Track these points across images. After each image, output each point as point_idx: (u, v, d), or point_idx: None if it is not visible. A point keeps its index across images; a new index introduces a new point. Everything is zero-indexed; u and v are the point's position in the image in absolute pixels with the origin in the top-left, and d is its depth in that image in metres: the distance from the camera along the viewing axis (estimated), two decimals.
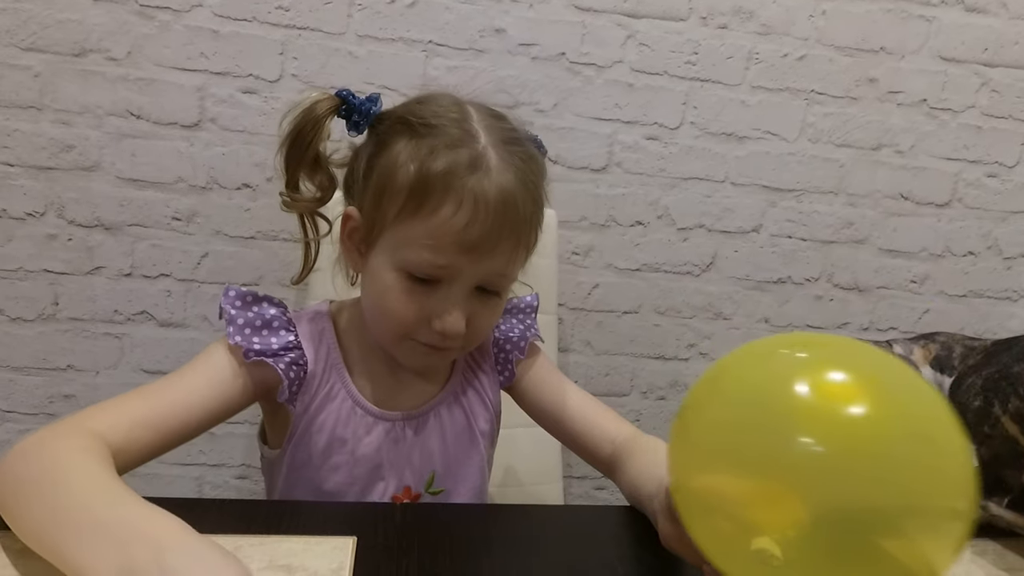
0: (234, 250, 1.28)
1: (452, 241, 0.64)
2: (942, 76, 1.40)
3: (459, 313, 0.67)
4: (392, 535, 0.60)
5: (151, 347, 1.30)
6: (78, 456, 0.53)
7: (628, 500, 0.73)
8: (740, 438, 0.45)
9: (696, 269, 1.43)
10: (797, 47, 1.35)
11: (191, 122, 1.23)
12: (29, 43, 1.17)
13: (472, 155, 0.65)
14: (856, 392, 0.43)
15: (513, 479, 1.15)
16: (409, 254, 0.66)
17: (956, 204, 1.47)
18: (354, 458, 0.75)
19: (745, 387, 0.47)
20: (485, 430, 0.83)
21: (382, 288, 0.68)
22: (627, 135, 1.34)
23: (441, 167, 0.64)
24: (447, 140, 0.66)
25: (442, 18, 1.25)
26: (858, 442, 0.41)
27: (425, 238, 0.65)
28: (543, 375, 0.85)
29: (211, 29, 1.20)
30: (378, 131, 0.71)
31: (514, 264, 0.70)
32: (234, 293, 0.70)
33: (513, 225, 0.66)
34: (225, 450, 1.35)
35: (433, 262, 0.65)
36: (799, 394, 0.43)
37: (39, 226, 1.23)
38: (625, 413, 1.47)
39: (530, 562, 0.59)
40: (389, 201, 0.66)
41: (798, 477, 0.41)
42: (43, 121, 1.20)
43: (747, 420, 0.45)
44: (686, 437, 0.50)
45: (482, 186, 0.64)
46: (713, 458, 0.47)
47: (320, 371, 0.74)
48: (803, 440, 0.42)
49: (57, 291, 1.26)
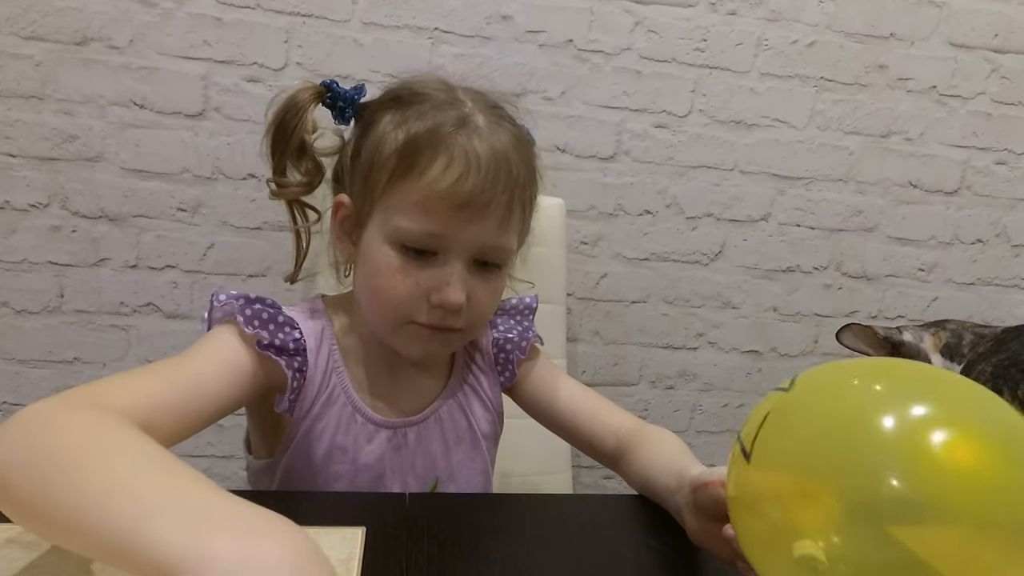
0: (240, 241, 1.27)
1: (443, 200, 0.62)
2: (952, 62, 1.38)
3: (458, 284, 0.65)
4: (401, 525, 0.60)
5: (158, 339, 1.29)
6: (112, 426, 0.45)
7: (637, 489, 0.73)
8: (815, 463, 0.41)
9: (705, 258, 1.42)
10: (806, 33, 1.33)
11: (195, 111, 1.22)
12: (30, 32, 1.15)
13: (459, 115, 0.64)
14: (956, 443, 0.39)
15: (522, 469, 1.14)
16: (401, 221, 0.64)
17: (965, 192, 1.46)
18: (355, 467, 0.72)
19: (820, 417, 0.43)
20: (487, 432, 0.82)
21: (376, 268, 0.66)
22: (635, 123, 1.33)
23: (428, 125, 0.63)
24: (433, 103, 0.65)
25: (448, 5, 1.23)
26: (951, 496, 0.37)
27: (416, 200, 0.63)
28: (543, 375, 0.84)
29: (214, 17, 1.19)
30: (364, 117, 0.70)
31: (509, 231, 0.67)
32: (225, 296, 0.66)
33: (507, 183, 0.64)
34: (233, 441, 1.34)
35: (426, 228, 0.63)
36: (887, 429, 0.39)
37: (43, 218, 1.22)
38: (634, 403, 1.47)
39: (539, 551, 0.59)
40: (378, 171, 0.65)
41: (875, 512, 0.38)
42: (45, 111, 1.19)
43: (823, 448, 0.41)
44: (747, 464, 0.46)
45: (472, 143, 0.63)
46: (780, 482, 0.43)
47: (320, 374, 0.70)
48: (889, 478, 0.38)
49: (62, 283, 1.25)
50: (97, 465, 0.40)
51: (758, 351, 1.48)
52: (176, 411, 0.57)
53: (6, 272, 1.23)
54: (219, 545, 0.33)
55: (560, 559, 0.59)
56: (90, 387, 0.52)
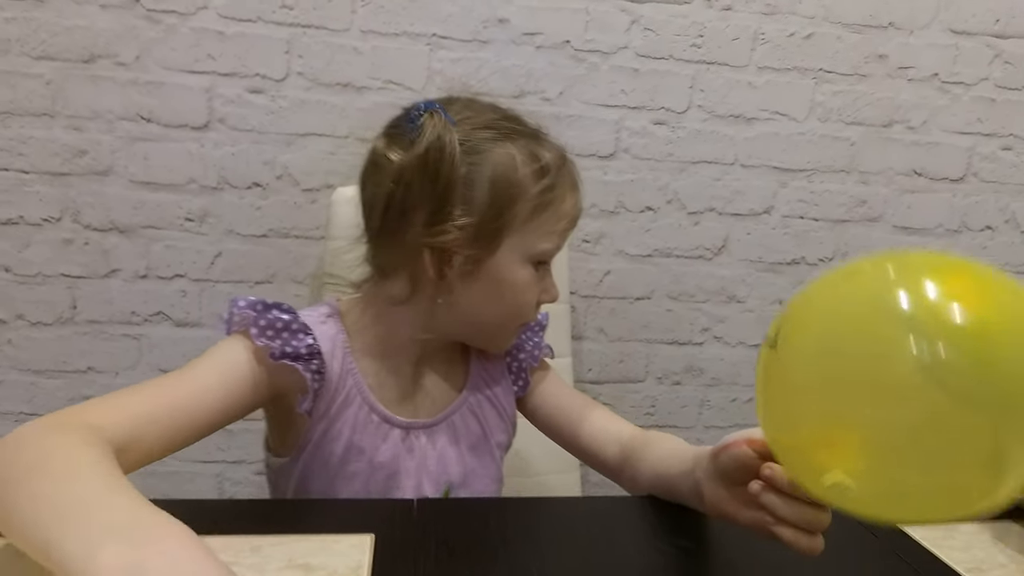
0: (247, 248, 1.30)
1: (569, 222, 0.75)
2: (953, 50, 1.38)
3: (555, 282, 0.77)
4: (409, 531, 0.61)
5: (168, 347, 1.32)
6: (77, 448, 0.49)
7: (648, 487, 0.73)
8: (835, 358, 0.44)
9: (708, 253, 1.42)
10: (804, 25, 1.33)
11: (200, 123, 1.24)
12: (40, 51, 1.18)
13: (554, 151, 0.74)
14: (966, 296, 0.42)
15: (530, 469, 1.15)
16: (544, 244, 0.72)
17: (971, 179, 1.45)
18: (371, 466, 0.75)
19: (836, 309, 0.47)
20: (501, 441, 0.84)
21: (513, 287, 0.73)
22: (634, 121, 1.34)
23: (555, 161, 0.73)
24: (530, 135, 0.73)
25: (445, 10, 1.25)
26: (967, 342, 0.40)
27: (554, 226, 0.73)
28: (549, 388, 0.87)
29: (217, 31, 1.21)
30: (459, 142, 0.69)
31: None
32: (244, 302, 0.69)
33: None
34: (244, 446, 1.36)
35: (556, 246, 0.74)
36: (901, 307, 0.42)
37: (55, 231, 1.25)
38: (640, 399, 1.47)
39: (547, 555, 0.60)
40: (521, 204, 0.70)
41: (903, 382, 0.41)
42: (56, 127, 1.21)
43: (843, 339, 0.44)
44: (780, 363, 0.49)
45: (572, 171, 0.75)
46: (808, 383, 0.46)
47: (336, 376, 0.72)
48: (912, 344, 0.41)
49: (75, 294, 1.28)
50: (42, 483, 0.46)
51: None
52: (163, 425, 0.60)
53: (21, 285, 1.26)
54: (108, 553, 0.38)
55: (570, 562, 0.59)
56: (80, 407, 0.57)
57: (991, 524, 0.70)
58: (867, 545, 0.65)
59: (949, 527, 0.69)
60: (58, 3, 1.17)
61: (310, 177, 1.28)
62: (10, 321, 1.27)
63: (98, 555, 0.38)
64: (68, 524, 0.41)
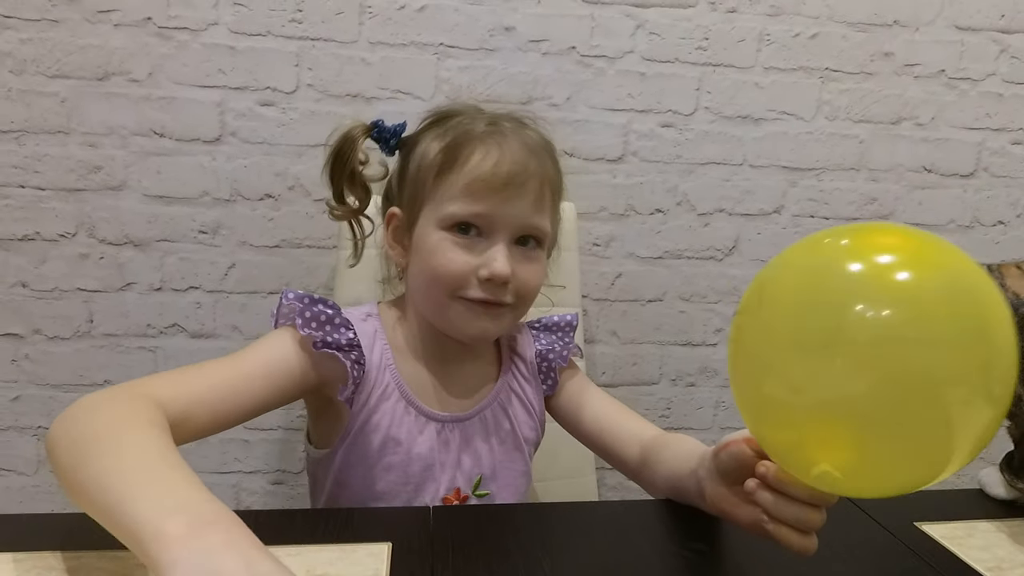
0: (260, 259, 1.31)
1: (485, 182, 0.72)
2: (959, 46, 1.38)
3: (503, 258, 0.72)
4: (426, 539, 0.61)
5: (184, 358, 1.33)
6: (139, 419, 0.55)
7: (664, 490, 0.73)
8: (798, 322, 0.47)
9: (719, 253, 1.42)
10: (809, 25, 1.33)
11: (212, 137, 1.26)
12: (55, 70, 1.20)
13: (490, 119, 0.76)
14: (904, 262, 0.45)
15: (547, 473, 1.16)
16: (451, 207, 0.73)
17: (982, 173, 1.45)
18: (408, 458, 0.78)
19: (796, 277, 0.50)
20: (530, 437, 0.87)
21: (429, 251, 0.74)
22: (642, 124, 1.34)
23: (465, 128, 0.75)
24: (465, 117, 0.77)
25: (451, 20, 1.26)
26: (908, 308, 0.43)
27: (462, 186, 0.73)
28: (575, 386, 0.88)
29: (227, 45, 1.23)
30: (406, 145, 0.81)
31: (543, 213, 0.76)
32: (293, 295, 0.74)
33: (536, 169, 0.74)
34: (260, 456, 1.37)
35: (472, 210, 0.72)
36: (849, 272, 0.46)
37: (71, 246, 1.27)
38: (655, 401, 1.47)
39: (565, 560, 0.60)
40: (425, 173, 0.76)
41: (855, 347, 0.43)
42: (71, 144, 1.23)
43: (802, 306, 0.47)
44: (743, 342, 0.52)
45: (504, 137, 0.74)
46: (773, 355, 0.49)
47: (375, 370, 0.77)
48: (857, 310, 0.44)
49: (91, 308, 1.30)
50: (110, 451, 0.50)
51: None
52: (211, 407, 0.66)
53: (38, 300, 1.28)
54: (174, 523, 0.42)
55: (587, 567, 0.59)
56: (144, 380, 0.63)
57: (1010, 522, 0.69)
58: (886, 545, 0.65)
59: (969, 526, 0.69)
60: (72, 23, 1.19)
61: (322, 188, 1.28)
62: (28, 336, 1.29)
63: (166, 524, 0.42)
64: (135, 492, 0.46)
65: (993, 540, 0.67)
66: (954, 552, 0.64)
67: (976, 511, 0.71)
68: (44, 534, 0.58)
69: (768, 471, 0.52)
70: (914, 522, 0.68)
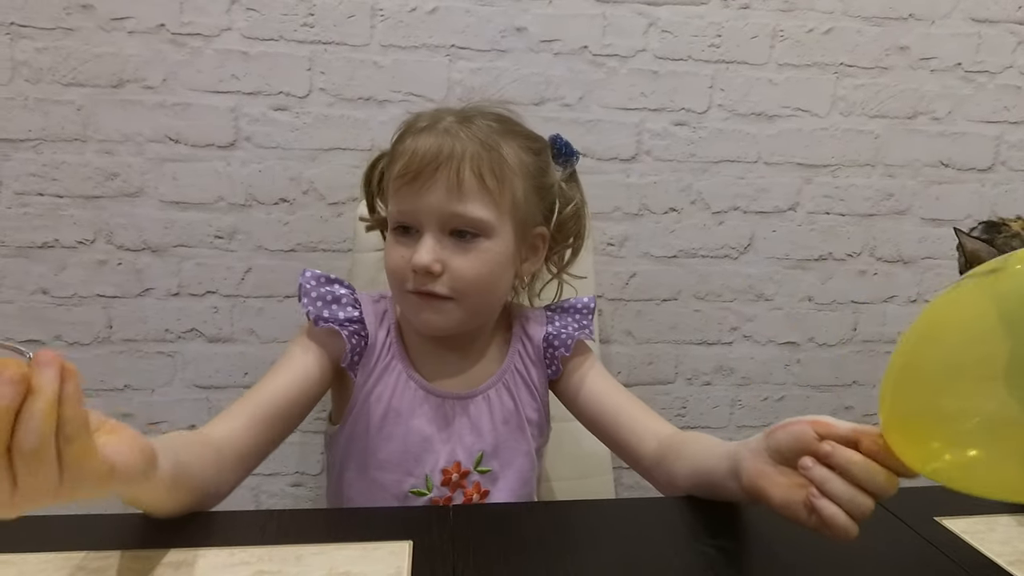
0: (276, 263, 1.32)
1: (400, 180, 0.76)
2: (976, 38, 1.36)
3: (423, 249, 0.75)
4: (446, 537, 0.61)
5: (202, 363, 1.34)
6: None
7: (688, 484, 0.72)
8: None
9: (734, 252, 1.42)
10: (822, 21, 1.33)
11: (227, 142, 1.27)
12: (70, 78, 1.21)
13: (431, 119, 0.78)
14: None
15: (564, 473, 1.15)
16: (390, 209, 0.80)
17: (1000, 167, 1.43)
18: (407, 430, 0.82)
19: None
20: (533, 419, 0.88)
21: (385, 252, 0.81)
22: (655, 123, 1.34)
23: (405, 130, 0.80)
24: (422, 118, 0.80)
25: (463, 21, 1.26)
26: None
27: (393, 189, 0.78)
28: (588, 374, 0.88)
29: (240, 51, 1.23)
30: None
31: (465, 200, 0.75)
32: (310, 274, 0.81)
33: (453, 152, 0.75)
34: (278, 459, 1.38)
35: (397, 207, 0.78)
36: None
37: (90, 253, 1.28)
38: (671, 401, 1.47)
39: (584, 558, 0.60)
40: (384, 172, 0.83)
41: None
42: (88, 152, 1.24)
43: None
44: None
45: (420, 139, 0.76)
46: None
47: (379, 347, 0.82)
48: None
49: (110, 314, 1.31)
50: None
51: (795, 342, 1.47)
52: (243, 433, 0.73)
53: (58, 307, 1.29)
54: None
55: (607, 565, 0.59)
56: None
57: None
58: (907, 540, 0.65)
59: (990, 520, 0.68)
60: (86, 31, 1.20)
61: (336, 191, 1.30)
62: (48, 342, 1.30)
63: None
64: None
65: (1014, 534, 0.66)
66: (975, 546, 0.64)
67: (997, 505, 0.70)
68: (72, 535, 0.59)
69: (836, 451, 0.53)
70: (935, 517, 0.68)
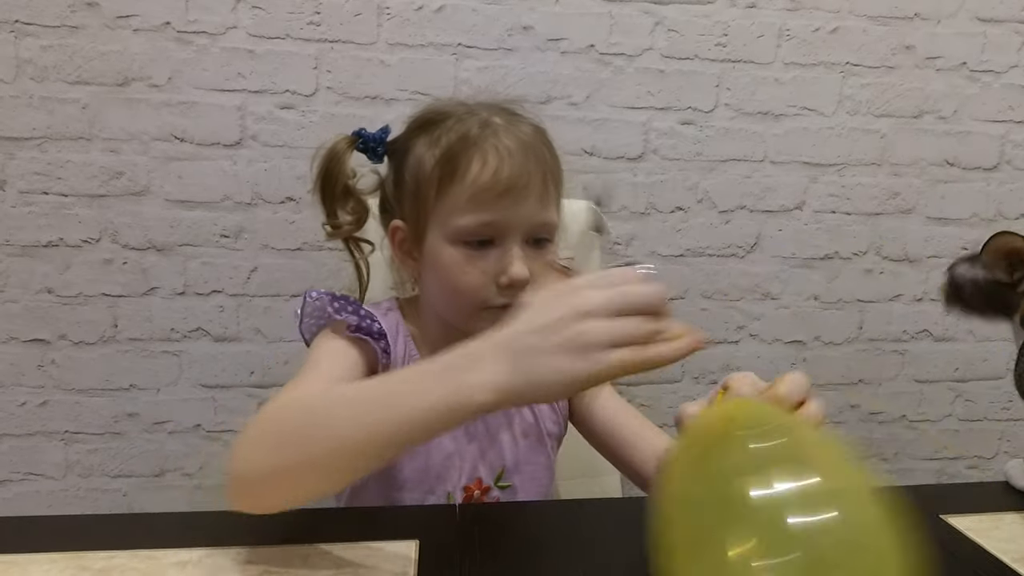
0: (282, 262, 1.31)
1: (489, 191, 0.71)
2: (981, 38, 1.36)
3: (519, 262, 0.71)
4: (453, 536, 0.61)
5: (208, 362, 1.34)
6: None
7: None
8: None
9: (740, 251, 1.41)
10: (828, 20, 1.33)
11: (233, 141, 1.26)
12: (76, 77, 1.21)
13: (481, 120, 0.74)
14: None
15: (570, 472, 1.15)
16: (458, 221, 0.72)
17: (1005, 166, 1.43)
18: (430, 447, 0.78)
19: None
20: (553, 431, 0.86)
21: (444, 268, 0.73)
22: (661, 122, 1.34)
23: (458, 135, 0.73)
24: (456, 118, 0.74)
25: (469, 20, 1.26)
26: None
27: (467, 199, 0.71)
28: (603, 401, 0.86)
29: (247, 49, 1.23)
30: (395, 150, 0.79)
31: (549, 207, 0.75)
32: (316, 294, 0.75)
33: (537, 163, 0.73)
34: None
35: (480, 220, 0.71)
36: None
37: (95, 252, 1.28)
38: (678, 400, 1.46)
39: (591, 556, 0.59)
40: (426, 187, 0.73)
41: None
42: (93, 151, 1.24)
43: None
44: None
45: (499, 138, 0.72)
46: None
47: (400, 359, 0.78)
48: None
49: (116, 313, 1.31)
50: (342, 408, 0.55)
51: (802, 341, 1.47)
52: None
53: (64, 306, 1.29)
54: (475, 377, 0.52)
55: (615, 563, 0.59)
56: (280, 394, 0.63)
57: None
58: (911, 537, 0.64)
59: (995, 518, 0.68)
60: (92, 29, 1.20)
61: None
62: (54, 341, 1.30)
63: (464, 383, 0.51)
64: (414, 400, 0.52)
65: (1019, 532, 0.66)
66: (980, 544, 0.63)
67: (1001, 503, 0.70)
68: (78, 535, 0.59)
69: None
70: (940, 515, 0.67)
